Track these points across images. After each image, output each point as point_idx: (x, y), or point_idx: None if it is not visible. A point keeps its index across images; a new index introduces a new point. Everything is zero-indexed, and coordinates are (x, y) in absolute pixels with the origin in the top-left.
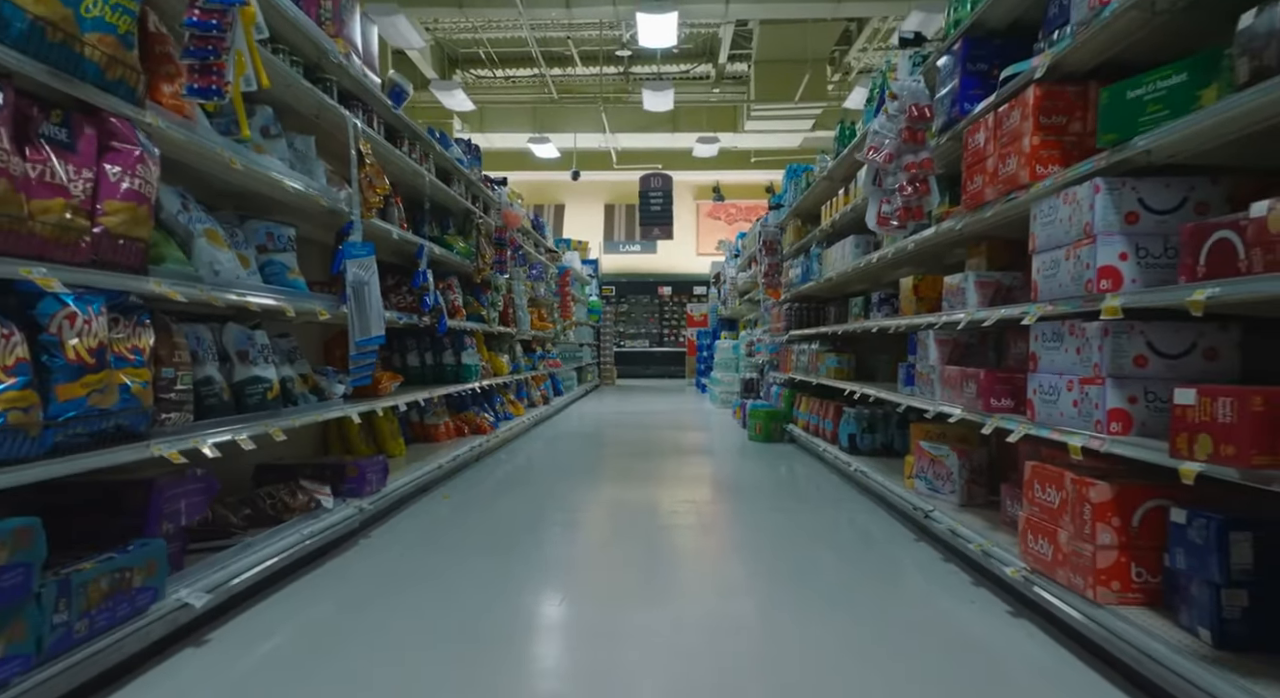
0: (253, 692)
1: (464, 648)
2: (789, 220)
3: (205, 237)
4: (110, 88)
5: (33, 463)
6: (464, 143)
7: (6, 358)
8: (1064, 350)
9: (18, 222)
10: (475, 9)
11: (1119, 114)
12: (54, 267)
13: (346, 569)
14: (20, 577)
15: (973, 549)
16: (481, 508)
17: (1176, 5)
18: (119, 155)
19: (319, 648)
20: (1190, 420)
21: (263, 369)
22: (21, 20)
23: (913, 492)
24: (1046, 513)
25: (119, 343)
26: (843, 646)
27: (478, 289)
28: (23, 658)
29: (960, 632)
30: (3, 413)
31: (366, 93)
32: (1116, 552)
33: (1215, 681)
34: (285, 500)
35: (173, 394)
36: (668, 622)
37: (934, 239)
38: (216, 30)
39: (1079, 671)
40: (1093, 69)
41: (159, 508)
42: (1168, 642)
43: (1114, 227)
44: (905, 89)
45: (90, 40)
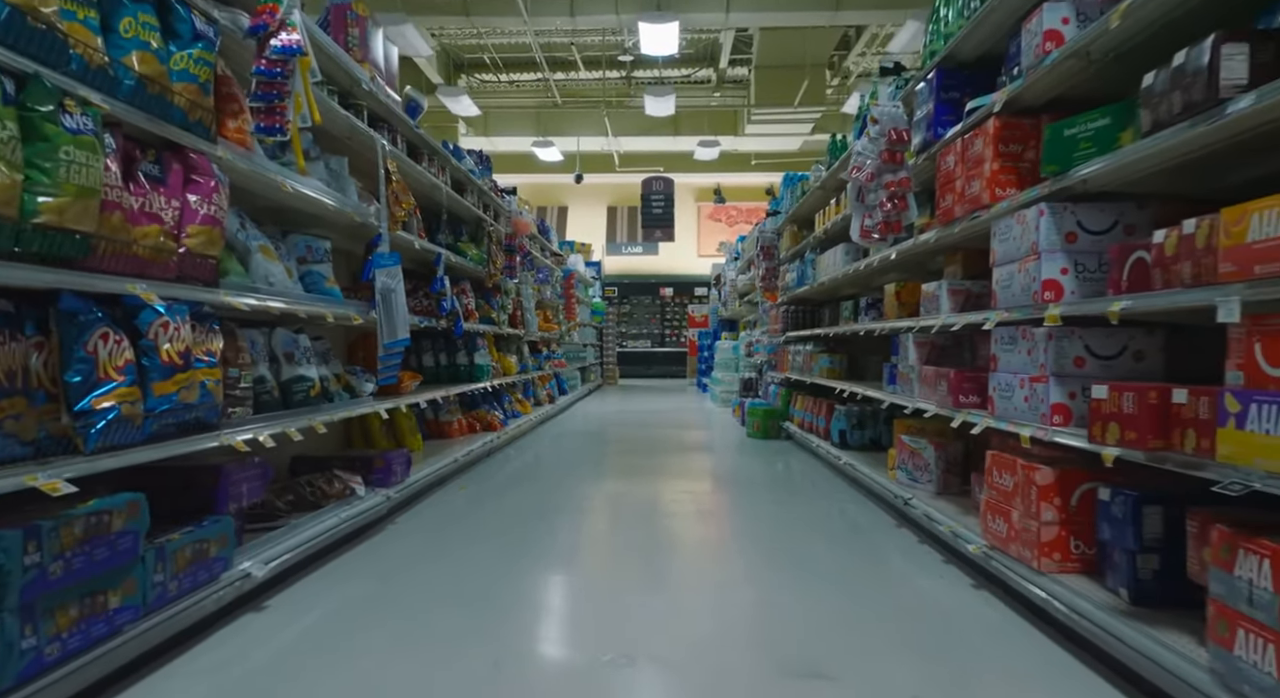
0: (308, 649)
1: (482, 607)
2: (785, 226)
3: (260, 252)
4: (191, 128)
5: (137, 448)
6: (476, 154)
7: (118, 360)
8: (1018, 352)
9: (125, 246)
10: (481, 17)
11: (1058, 148)
12: (151, 282)
13: (379, 550)
14: (131, 542)
15: (944, 531)
16: (495, 498)
17: (1107, 56)
18: (198, 186)
19: (362, 612)
20: (1103, 411)
21: (306, 369)
22: (130, 78)
23: (895, 482)
24: (1002, 496)
25: (198, 346)
26: (827, 612)
27: (489, 293)
28: (133, 608)
29: (928, 601)
30: (116, 406)
31: (392, 115)
32: (1058, 527)
33: (1129, 631)
34: (323, 488)
35: (237, 391)
36: (667, 591)
37: (913, 249)
38: (280, 77)
39: (1023, 629)
40: (1045, 104)
41: (226, 490)
42: (1094, 601)
43: (1056, 245)
44: (885, 114)
45: (178, 89)
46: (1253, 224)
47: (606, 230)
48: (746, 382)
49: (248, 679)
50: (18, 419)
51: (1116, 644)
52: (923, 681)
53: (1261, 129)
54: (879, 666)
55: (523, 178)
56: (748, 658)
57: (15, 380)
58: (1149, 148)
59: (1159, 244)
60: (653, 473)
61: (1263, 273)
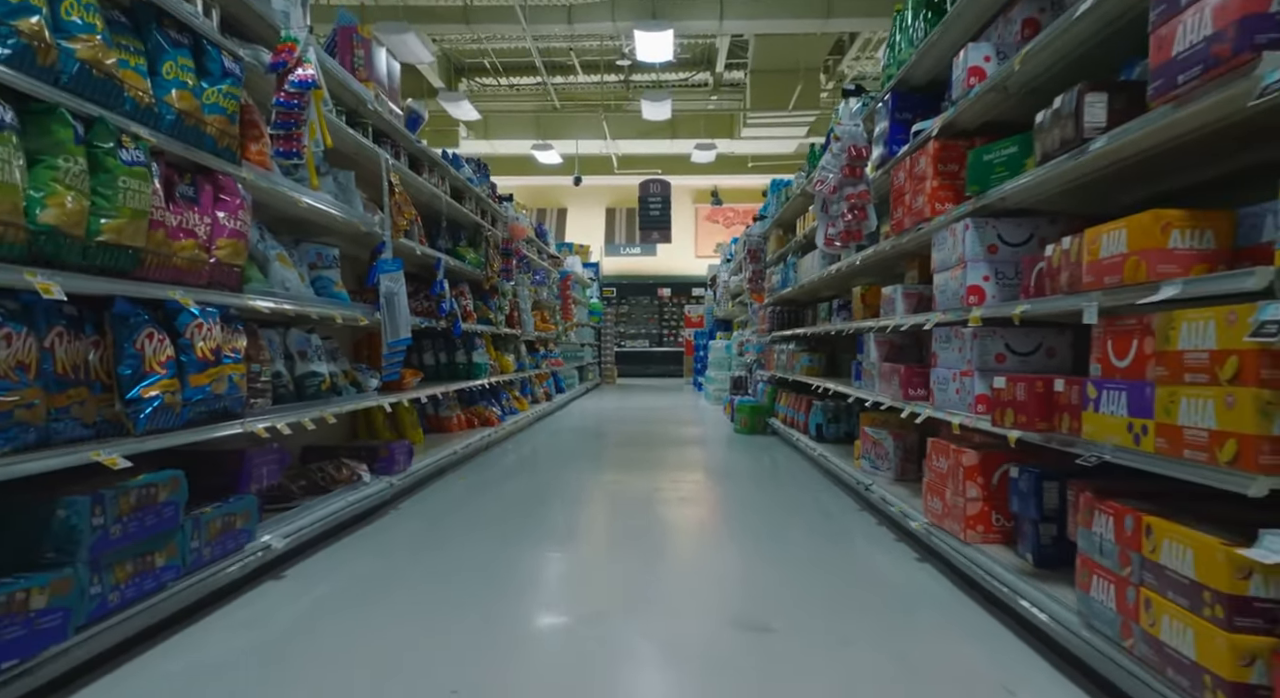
0: (325, 611)
1: (480, 577)
2: (771, 230)
3: (278, 260)
4: (220, 153)
5: (176, 431)
6: (474, 162)
7: (160, 356)
8: (951, 350)
9: (167, 258)
10: (481, 24)
11: (979, 171)
12: (187, 289)
13: (384, 531)
14: (173, 512)
15: (895, 512)
16: (494, 487)
17: (1022, 90)
18: (226, 204)
19: (371, 582)
20: (1002, 399)
21: (317, 365)
22: (171, 113)
23: (859, 470)
24: (939, 477)
25: (226, 344)
26: (783, 581)
27: (486, 295)
28: (174, 568)
29: (875, 573)
30: (160, 395)
31: (395, 130)
32: (981, 503)
33: (1028, 589)
34: (332, 474)
35: (258, 384)
36: (645, 565)
37: (874, 256)
38: (297, 107)
39: (952, 593)
40: (978, 127)
41: (249, 471)
42: (1005, 565)
43: (979, 255)
44: (846, 132)
45: (210, 120)
46: (1104, 243)
47: (605, 231)
48: (737, 380)
49: (278, 634)
50: (81, 405)
51: (1018, 600)
52: (853, 633)
53: (1123, 162)
54: (817, 622)
55: (522, 180)
56: (706, 616)
57: (79, 373)
58: (1042, 175)
59: (1049, 257)
60: (643, 465)
61: (1111, 283)
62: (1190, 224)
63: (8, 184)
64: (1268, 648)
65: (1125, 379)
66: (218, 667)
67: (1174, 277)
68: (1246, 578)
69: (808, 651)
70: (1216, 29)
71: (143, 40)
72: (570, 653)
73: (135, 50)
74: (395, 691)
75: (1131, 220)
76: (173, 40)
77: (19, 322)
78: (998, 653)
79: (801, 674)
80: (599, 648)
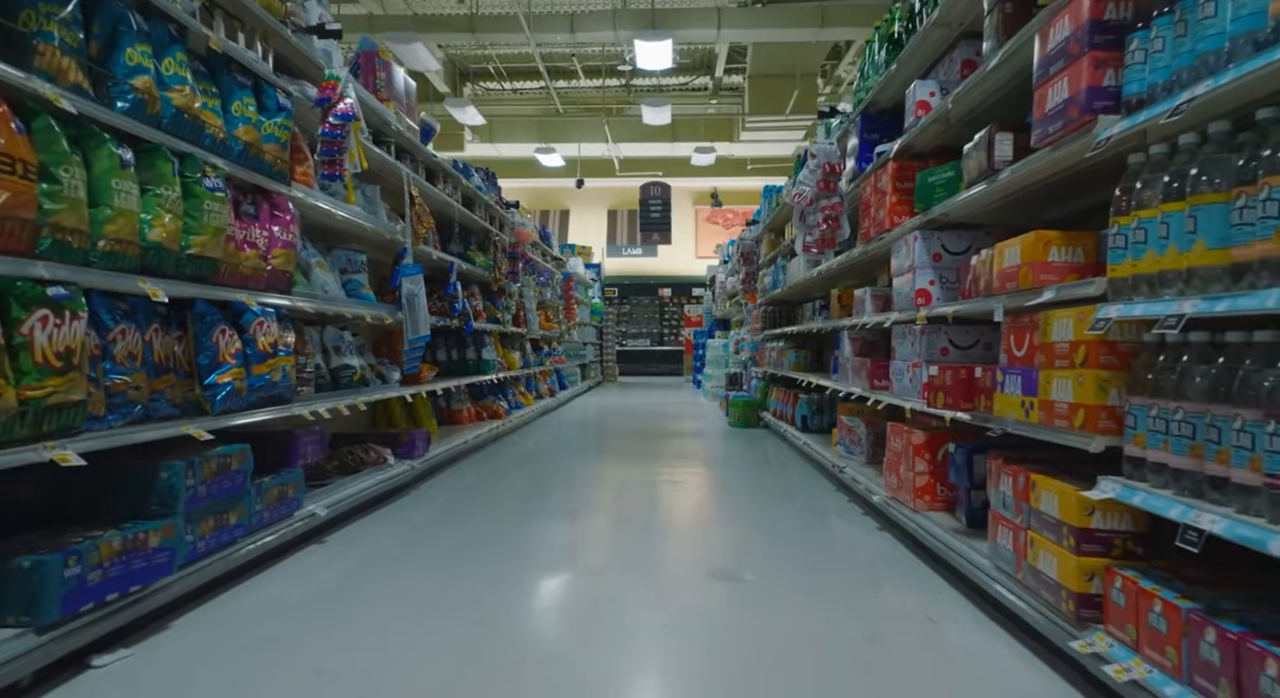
0: (366, 569)
1: (496, 544)
2: (764, 234)
3: (317, 266)
4: (275, 176)
5: (243, 412)
6: (482, 171)
7: (231, 348)
8: (906, 344)
9: (235, 266)
10: (486, 33)
11: (924, 191)
12: (250, 292)
13: (407, 508)
14: (242, 479)
15: (862, 489)
16: (504, 473)
17: (960, 122)
18: (279, 219)
19: (401, 547)
20: (935, 384)
21: (350, 359)
22: (238, 145)
23: (836, 455)
24: (895, 456)
25: (280, 339)
26: (759, 546)
27: (494, 296)
28: (243, 526)
29: (841, 539)
30: (231, 382)
31: (414, 147)
32: (928, 476)
33: (959, 544)
34: (361, 456)
35: (304, 374)
36: (638, 535)
37: (848, 262)
38: (339, 136)
39: (904, 554)
40: (930, 151)
41: (297, 449)
42: (944, 527)
43: (926, 263)
44: (821, 150)
45: (268, 149)
46: (1006, 256)
47: (607, 232)
48: (732, 377)
49: (330, 583)
50: (171, 388)
51: (950, 554)
52: (810, 584)
53: (1031, 188)
54: (783, 575)
55: (526, 182)
56: (688, 570)
57: (169, 362)
58: (969, 197)
59: (974, 265)
60: (641, 455)
61: (1010, 288)
62: (1065, 242)
63: (129, 210)
64: (1102, 566)
65: (1021, 366)
66: (287, 604)
67: (1052, 284)
68: (1090, 514)
69: (771, 595)
70: (1070, 94)
71: (217, 84)
72: (572, 596)
73: (212, 93)
74: (433, 621)
75: (1023, 238)
76: (239, 82)
77: (130, 320)
78: (929, 595)
79: (763, 611)
80: (598, 592)
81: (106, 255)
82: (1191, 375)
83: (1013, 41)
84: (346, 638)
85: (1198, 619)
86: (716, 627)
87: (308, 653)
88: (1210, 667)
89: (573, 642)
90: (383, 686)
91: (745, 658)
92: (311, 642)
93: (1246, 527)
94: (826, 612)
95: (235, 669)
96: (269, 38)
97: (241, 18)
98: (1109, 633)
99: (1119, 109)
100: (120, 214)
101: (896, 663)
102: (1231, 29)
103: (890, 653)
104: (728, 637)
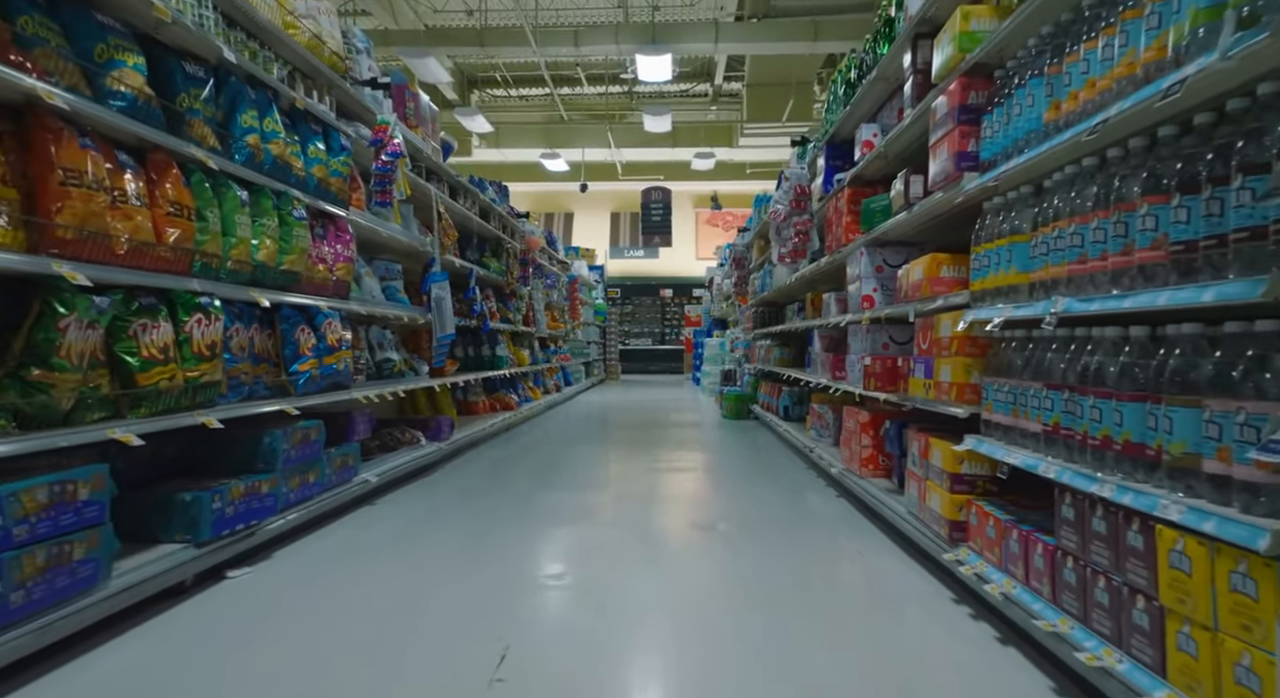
0: (413, 523)
1: (515, 510)
2: (755, 240)
3: (367, 275)
4: (338, 204)
5: (316, 395)
6: (495, 185)
7: (308, 343)
8: (857, 340)
9: (311, 278)
10: (495, 47)
11: (867, 215)
12: (321, 298)
13: (438, 482)
14: (318, 447)
15: (825, 464)
16: (519, 456)
17: (896, 159)
18: (341, 238)
19: (439, 511)
20: (870, 372)
21: (390, 354)
22: (313, 181)
23: (809, 438)
24: (848, 433)
25: (342, 336)
26: (734, 508)
27: (506, 298)
28: (319, 485)
29: (804, 504)
30: (309, 370)
31: (440, 169)
32: (871, 449)
33: (889, 499)
34: (398, 437)
35: (358, 365)
36: (634, 503)
37: (819, 270)
38: (390, 171)
39: (850, 512)
40: (879, 179)
41: (354, 427)
42: (881, 489)
43: (870, 274)
44: (793, 174)
45: (333, 182)
46: (915, 271)
47: (610, 235)
48: (727, 373)
49: (388, 533)
50: (266, 374)
51: (882, 508)
52: (769, 533)
53: (942, 216)
54: (749, 527)
55: (531, 186)
56: (673, 523)
57: (266, 354)
58: (897, 222)
59: (899, 277)
60: (639, 442)
61: (918, 296)
62: (952, 262)
63: (245, 238)
64: (967, 501)
65: (924, 356)
66: (354, 547)
67: (942, 294)
68: (961, 464)
69: (738, 540)
70: (949, 154)
71: (298, 133)
72: (580, 540)
73: (294, 141)
74: (468, 558)
75: (924, 258)
76: (313, 129)
77: (240, 320)
78: (863, 539)
79: (731, 550)
80: (599, 540)
81: (231, 272)
82: (1011, 360)
83: (919, 107)
84: (402, 569)
85: (1009, 526)
86: (692, 559)
87: (375, 579)
88: (1014, 556)
89: (578, 570)
90: (432, 597)
91: (713, 578)
92: (378, 570)
93: (1032, 459)
94: (779, 551)
95: (321, 587)
96: (332, 90)
97: (314, 77)
98: (968, 546)
99: (978, 169)
100: (240, 241)
101: (828, 580)
102: (1025, 127)
103: (823, 574)
104: (701, 565)
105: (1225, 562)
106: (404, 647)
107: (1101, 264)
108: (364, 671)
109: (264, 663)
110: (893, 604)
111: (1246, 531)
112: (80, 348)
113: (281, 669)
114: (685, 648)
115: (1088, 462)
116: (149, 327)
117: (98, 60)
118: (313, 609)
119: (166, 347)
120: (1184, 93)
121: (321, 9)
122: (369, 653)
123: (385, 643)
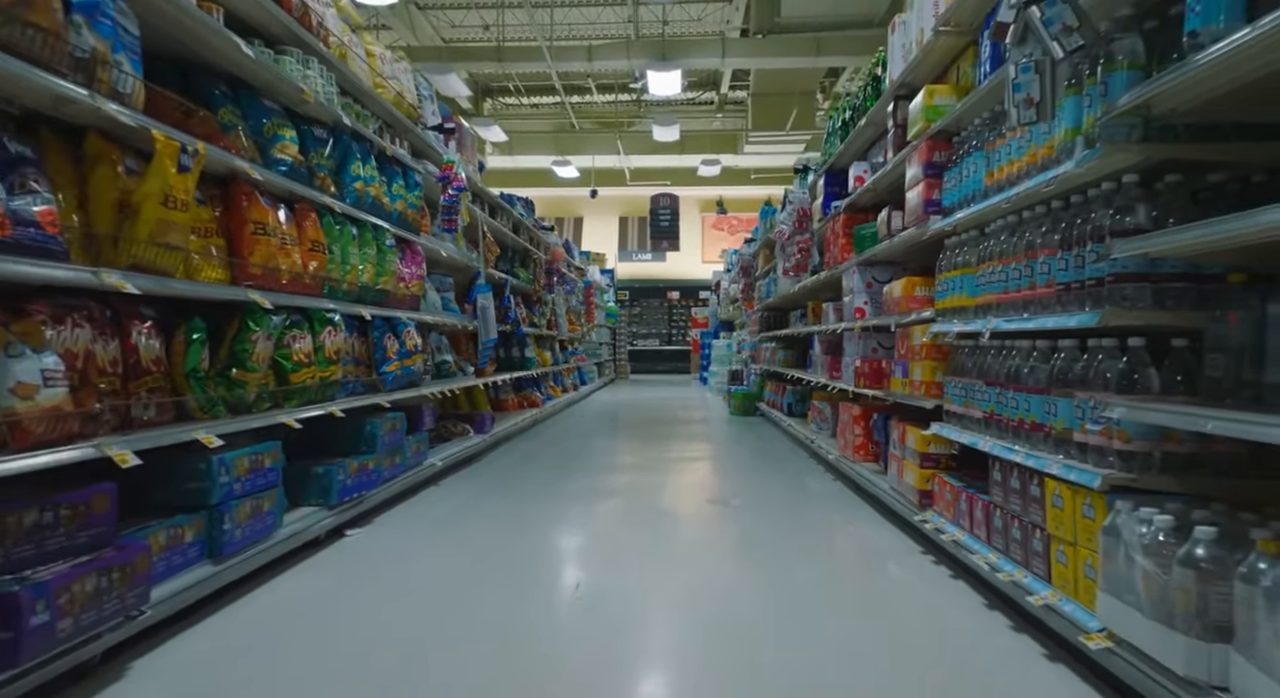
0: (472, 500)
1: (551, 489)
2: (760, 250)
3: (431, 289)
4: (413, 231)
5: (400, 391)
6: (523, 200)
7: (392, 348)
8: (851, 345)
9: (395, 294)
10: (512, 62)
11: (858, 239)
12: (403, 311)
13: (485, 468)
14: (402, 435)
15: (823, 453)
16: (549, 446)
17: (884, 191)
18: (415, 260)
19: (490, 489)
20: (860, 372)
21: (446, 356)
22: (396, 214)
23: (810, 431)
24: (843, 425)
25: (415, 342)
26: (743, 489)
27: (533, 304)
28: (402, 466)
29: (805, 487)
30: (394, 371)
31: (483, 192)
32: (862, 437)
33: (876, 479)
34: (451, 429)
35: (426, 367)
36: (654, 482)
37: (818, 282)
38: (455, 203)
39: (844, 492)
40: (871, 206)
41: (422, 418)
42: (870, 471)
43: (862, 289)
44: (795, 198)
45: (409, 213)
46: (895, 289)
47: (619, 239)
48: (734, 373)
49: (457, 506)
50: (362, 375)
51: (869, 485)
52: (775, 509)
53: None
54: (758, 504)
55: (542, 191)
56: (690, 497)
57: (361, 357)
58: (883, 248)
59: (884, 293)
60: (656, 437)
61: (899, 310)
62: (925, 284)
63: (355, 265)
64: (932, 474)
65: (903, 359)
66: (430, 517)
67: (916, 310)
68: (929, 446)
69: (747, 513)
70: (920, 200)
71: (385, 174)
72: (605, 510)
73: (383, 181)
74: (519, 525)
75: (903, 280)
76: (395, 170)
77: (345, 330)
78: (852, 512)
79: (740, 519)
80: (626, 512)
81: (345, 293)
82: (963, 363)
83: (897, 156)
84: (469, 533)
85: (960, 491)
86: (707, 525)
87: (452, 540)
88: (963, 512)
89: (619, 533)
90: (492, 552)
91: (724, 539)
92: (451, 535)
93: (975, 438)
94: (783, 520)
95: (420, 542)
96: (408, 134)
97: (395, 126)
98: (935, 510)
99: (941, 213)
100: (352, 267)
101: (823, 541)
102: (972, 186)
103: (819, 535)
104: (713, 530)
105: (1079, 497)
106: (504, 577)
107: (1017, 295)
108: (470, 590)
109: (396, 589)
110: (874, 556)
111: (1089, 476)
112: (262, 354)
113: (411, 590)
114: (710, 581)
115: (1009, 438)
116: (298, 337)
117: (266, 135)
118: (420, 556)
119: (309, 353)
120: (1058, 185)
121: (401, 69)
122: (474, 582)
123: (481, 579)
